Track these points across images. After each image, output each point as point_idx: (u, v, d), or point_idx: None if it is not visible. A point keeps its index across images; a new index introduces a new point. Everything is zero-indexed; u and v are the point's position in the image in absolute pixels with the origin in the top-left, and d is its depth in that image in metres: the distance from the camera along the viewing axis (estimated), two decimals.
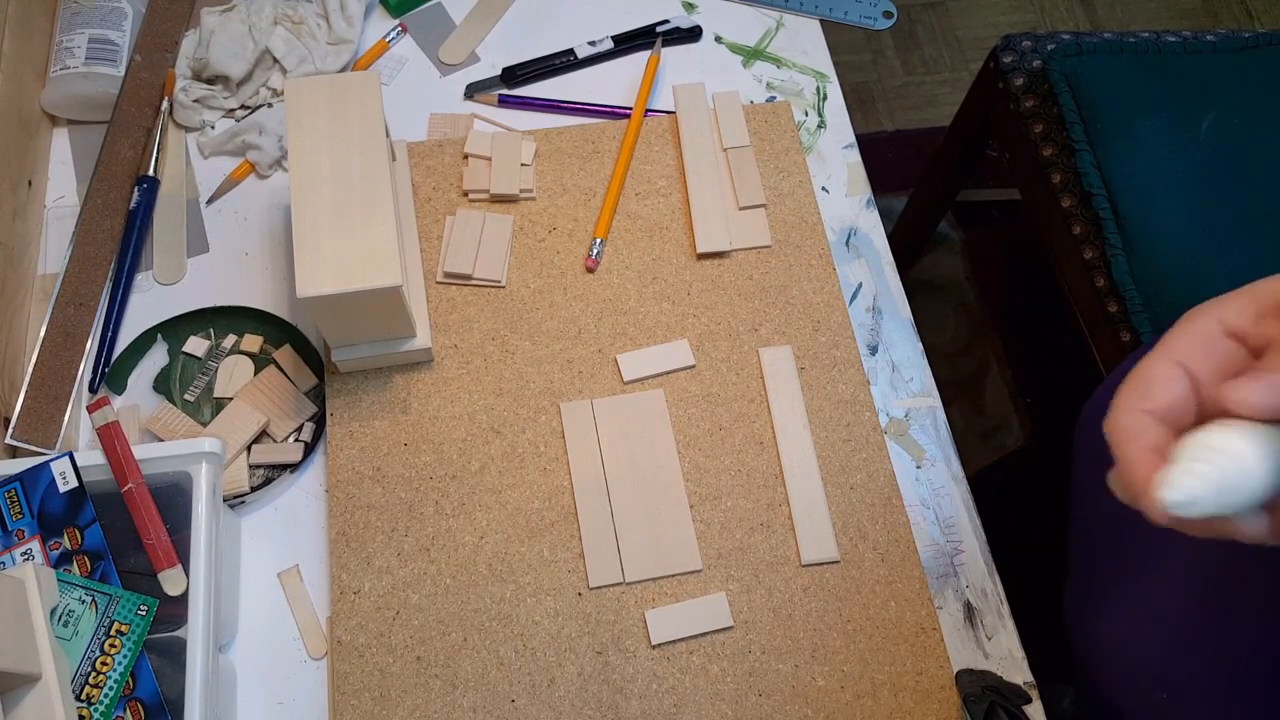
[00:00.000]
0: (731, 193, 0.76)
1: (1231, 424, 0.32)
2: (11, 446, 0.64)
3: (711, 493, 0.65)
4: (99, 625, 0.53)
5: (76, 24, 0.77)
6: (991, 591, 0.64)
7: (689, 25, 0.84)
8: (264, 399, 0.67)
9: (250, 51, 0.77)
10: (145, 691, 0.52)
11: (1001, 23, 1.77)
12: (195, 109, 0.77)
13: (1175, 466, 0.32)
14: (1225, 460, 0.31)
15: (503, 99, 0.80)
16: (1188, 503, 0.31)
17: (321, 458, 0.67)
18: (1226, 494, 0.31)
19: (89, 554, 0.55)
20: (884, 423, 0.69)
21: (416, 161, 0.76)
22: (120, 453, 0.57)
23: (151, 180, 0.74)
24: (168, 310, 0.70)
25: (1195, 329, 0.35)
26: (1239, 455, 0.31)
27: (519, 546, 0.63)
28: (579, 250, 0.73)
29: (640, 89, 0.79)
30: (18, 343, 0.68)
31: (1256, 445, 0.31)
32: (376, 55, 0.82)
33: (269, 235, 0.74)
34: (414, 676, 0.60)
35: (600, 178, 0.76)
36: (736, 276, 0.72)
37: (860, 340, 0.71)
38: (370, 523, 0.64)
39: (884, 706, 0.60)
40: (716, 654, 0.61)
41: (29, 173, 0.73)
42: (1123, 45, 0.90)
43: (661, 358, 0.69)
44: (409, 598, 0.62)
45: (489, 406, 0.67)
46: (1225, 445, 0.31)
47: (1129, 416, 0.34)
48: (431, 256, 0.72)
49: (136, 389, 0.68)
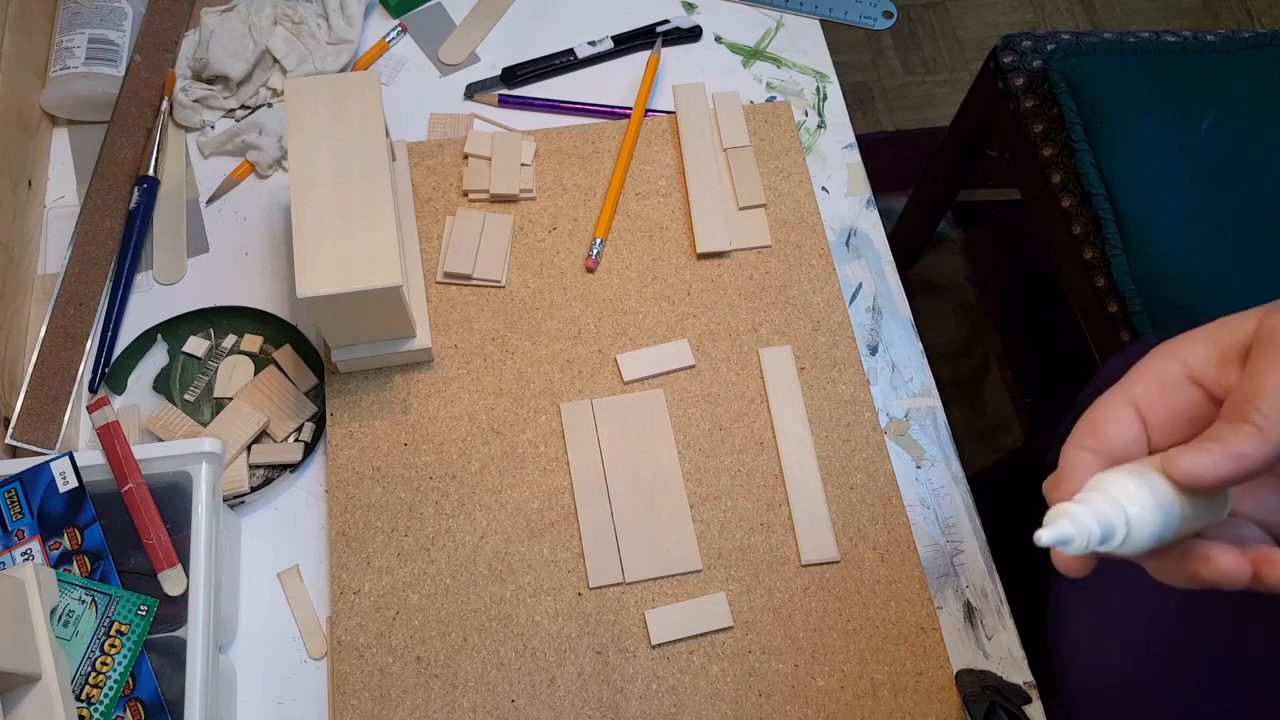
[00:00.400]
0: (731, 193, 0.76)
1: (1138, 472, 0.32)
2: (11, 446, 0.64)
3: (711, 493, 0.65)
4: (99, 625, 0.53)
5: (76, 24, 0.77)
6: (991, 591, 0.64)
7: (689, 25, 0.84)
8: (264, 399, 0.67)
9: (250, 51, 0.77)
10: (145, 691, 0.52)
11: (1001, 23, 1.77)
12: (195, 109, 0.77)
13: (1055, 508, 0.32)
14: (1106, 505, 0.31)
15: (503, 99, 0.80)
16: (1059, 541, 0.31)
17: (321, 458, 0.67)
18: (1103, 539, 0.31)
19: (89, 554, 0.55)
20: (884, 423, 0.69)
21: (416, 161, 0.76)
22: (120, 453, 0.57)
23: (151, 180, 0.74)
24: (168, 310, 0.70)
25: (1156, 370, 0.35)
26: (1130, 503, 0.31)
27: (519, 546, 0.63)
28: (579, 250, 0.73)
29: (640, 89, 0.79)
30: (18, 343, 0.68)
31: (1149, 497, 0.31)
32: (376, 55, 0.82)
33: (269, 235, 0.74)
34: (414, 676, 0.60)
35: (600, 178, 0.76)
36: (736, 276, 0.72)
37: (860, 340, 0.71)
38: (370, 523, 0.64)
39: (884, 706, 0.60)
40: (716, 654, 0.61)
41: (29, 173, 0.73)
42: (1123, 45, 0.90)
43: (661, 358, 0.69)
44: (409, 598, 0.62)
45: (489, 406, 0.67)
46: (1112, 489, 0.32)
47: (1074, 453, 0.35)
48: (431, 256, 0.72)
49: (136, 389, 0.68)
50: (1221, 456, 0.31)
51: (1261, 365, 0.32)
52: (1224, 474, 0.31)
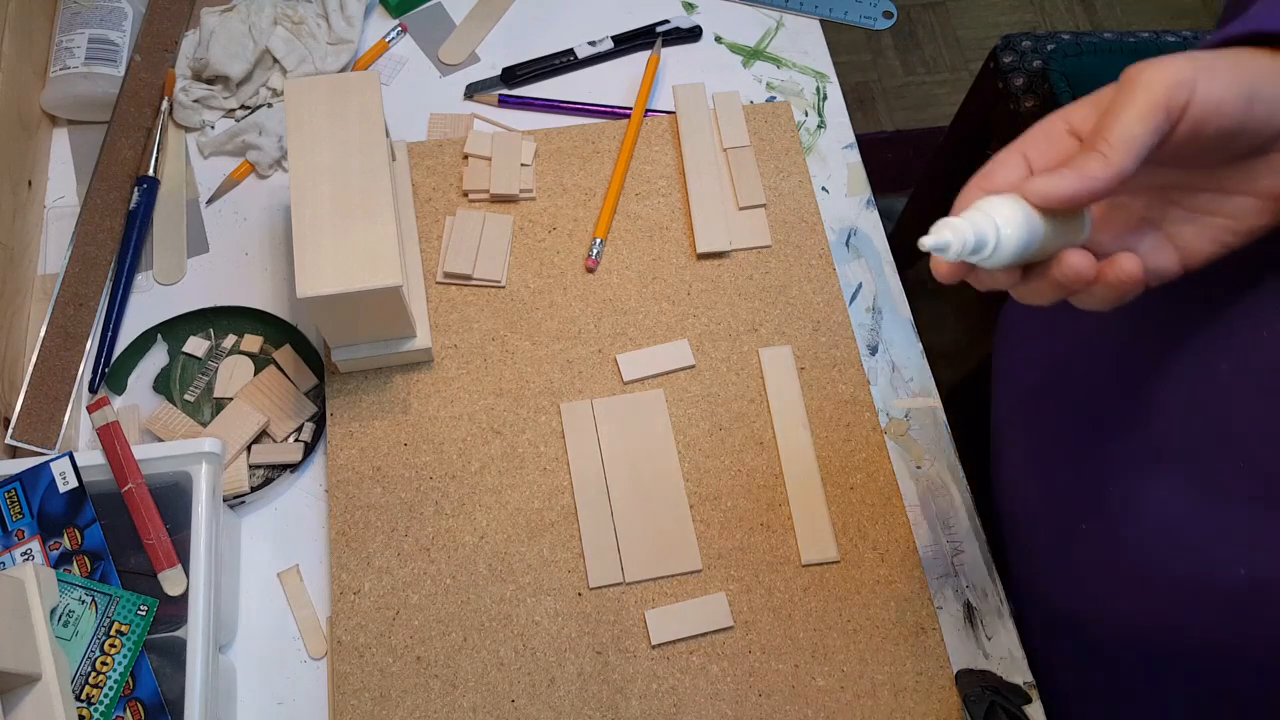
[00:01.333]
0: (731, 193, 0.76)
1: (1013, 198, 0.38)
2: (11, 446, 0.64)
3: (711, 493, 0.65)
4: (99, 625, 0.53)
5: (76, 24, 0.77)
6: (991, 591, 0.64)
7: (689, 25, 0.84)
8: (264, 399, 0.67)
9: (250, 51, 0.77)
10: (145, 691, 0.52)
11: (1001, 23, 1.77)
12: (195, 109, 0.77)
13: (939, 221, 0.38)
14: (982, 219, 0.37)
15: (503, 99, 0.80)
16: (937, 247, 0.37)
17: (321, 458, 0.67)
18: (976, 248, 0.37)
19: (89, 554, 0.55)
20: (884, 423, 0.69)
21: (416, 161, 0.76)
22: (120, 453, 0.57)
23: (151, 180, 0.74)
24: (168, 310, 0.70)
25: (1043, 127, 0.40)
26: (1002, 220, 0.37)
27: (519, 546, 0.63)
28: (579, 250, 0.73)
29: (640, 89, 0.79)
30: (18, 343, 0.68)
31: (1019, 215, 0.37)
32: (376, 55, 0.82)
33: (269, 235, 0.74)
34: (414, 676, 0.60)
35: (600, 178, 0.76)
36: (736, 276, 0.72)
37: (860, 340, 0.71)
38: (370, 523, 0.64)
39: (884, 706, 0.60)
40: (716, 654, 0.61)
41: (29, 173, 0.73)
42: (1123, 45, 0.90)
43: (661, 358, 0.69)
44: (409, 598, 0.62)
45: (489, 406, 0.67)
46: (989, 208, 0.37)
47: (967, 192, 0.40)
48: (431, 256, 0.72)
49: (136, 389, 0.68)
50: (1072, 179, 0.36)
51: (1114, 104, 0.36)
52: (1074, 193, 0.36)
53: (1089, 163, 0.36)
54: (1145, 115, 0.35)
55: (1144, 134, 0.35)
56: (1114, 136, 0.36)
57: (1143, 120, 0.35)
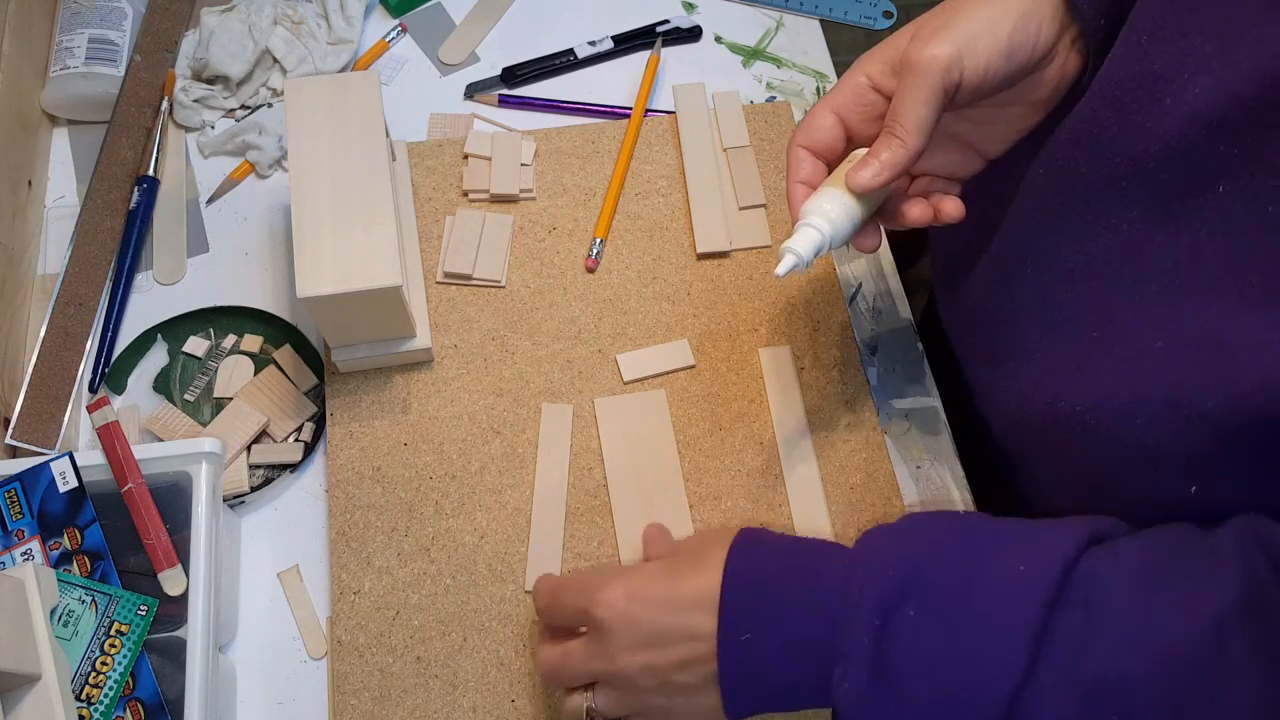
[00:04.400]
0: (731, 193, 0.75)
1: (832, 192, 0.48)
2: (11, 446, 0.64)
3: (711, 493, 0.65)
4: (99, 625, 0.53)
5: (76, 24, 0.77)
6: None
7: (689, 25, 0.84)
8: (264, 399, 0.67)
9: (250, 51, 0.77)
10: (145, 691, 0.52)
11: None
12: (195, 109, 0.77)
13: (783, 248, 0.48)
14: (811, 232, 0.48)
15: (503, 99, 0.80)
16: (793, 270, 0.47)
17: (321, 458, 0.67)
18: (818, 250, 0.48)
19: (89, 554, 0.55)
20: (884, 423, 0.69)
21: (416, 161, 0.76)
22: (120, 453, 0.57)
23: (151, 180, 0.74)
24: (168, 310, 0.70)
25: (848, 84, 0.50)
26: (825, 223, 0.48)
27: (519, 546, 0.63)
28: (579, 250, 0.73)
29: (640, 89, 0.79)
30: (18, 343, 0.68)
31: (838, 209, 0.48)
32: (376, 55, 0.82)
33: (269, 235, 0.74)
34: (414, 676, 0.60)
35: (600, 178, 0.76)
36: (736, 276, 0.72)
37: (860, 340, 0.71)
38: (370, 523, 0.63)
39: None
40: None
41: (29, 173, 0.73)
42: None
43: (661, 358, 0.69)
44: (409, 598, 0.62)
45: (489, 406, 0.67)
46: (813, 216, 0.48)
47: (793, 151, 0.51)
48: (431, 256, 0.72)
49: (136, 389, 0.68)
50: (879, 168, 0.46)
51: (900, 90, 0.46)
52: (884, 180, 0.46)
53: (890, 150, 0.46)
54: (928, 100, 0.45)
55: (929, 115, 0.45)
56: (907, 123, 0.45)
57: (926, 105, 0.45)
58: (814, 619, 0.44)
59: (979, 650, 0.41)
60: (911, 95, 0.45)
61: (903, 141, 0.45)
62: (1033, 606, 0.41)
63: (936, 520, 0.48)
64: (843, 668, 0.43)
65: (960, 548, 0.45)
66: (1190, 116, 0.41)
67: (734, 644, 0.45)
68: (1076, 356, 0.50)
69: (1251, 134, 0.39)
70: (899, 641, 0.42)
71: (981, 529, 0.46)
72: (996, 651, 0.41)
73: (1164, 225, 0.44)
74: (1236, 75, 0.39)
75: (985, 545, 0.45)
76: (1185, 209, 0.43)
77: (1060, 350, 0.51)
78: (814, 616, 0.44)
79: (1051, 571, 0.42)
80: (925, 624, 0.42)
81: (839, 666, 0.43)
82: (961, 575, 0.43)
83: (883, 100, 0.49)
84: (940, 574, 0.43)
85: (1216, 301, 0.42)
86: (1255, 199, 0.40)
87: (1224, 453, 0.42)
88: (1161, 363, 0.44)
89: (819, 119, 0.50)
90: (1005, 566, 0.43)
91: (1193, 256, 0.43)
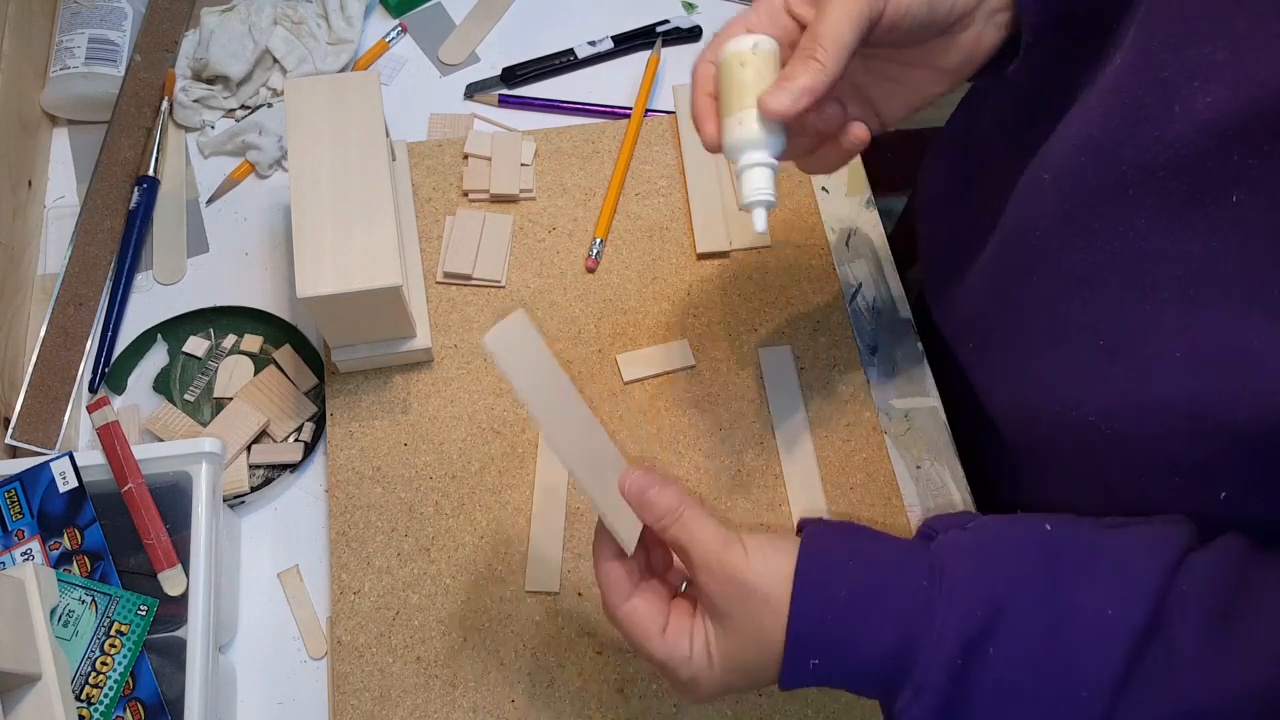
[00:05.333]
0: (731, 193, 0.75)
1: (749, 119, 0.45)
2: (11, 446, 0.64)
3: (711, 493, 0.65)
4: (99, 625, 0.53)
5: (76, 24, 0.77)
6: None
7: (689, 25, 0.84)
8: (264, 399, 0.67)
9: (250, 51, 0.77)
10: (145, 691, 0.52)
11: None
12: (195, 109, 0.77)
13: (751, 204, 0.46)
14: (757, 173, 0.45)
15: (503, 99, 0.80)
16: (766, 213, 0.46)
17: (321, 458, 0.67)
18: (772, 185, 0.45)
19: (89, 554, 0.55)
20: (884, 423, 0.69)
21: (416, 161, 0.76)
22: (120, 453, 0.57)
23: (151, 180, 0.74)
24: (168, 310, 0.70)
25: (765, 6, 0.48)
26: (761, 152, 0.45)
27: (519, 546, 0.63)
28: (579, 250, 0.73)
29: (640, 89, 0.79)
30: (18, 343, 0.68)
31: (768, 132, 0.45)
32: (376, 55, 0.82)
33: (269, 235, 0.74)
34: (414, 676, 0.60)
35: (600, 178, 0.76)
36: (736, 276, 0.72)
37: (860, 340, 0.71)
38: (370, 523, 0.63)
39: None
40: None
41: (29, 173, 0.73)
42: None
43: (661, 358, 0.69)
44: (409, 598, 0.62)
45: (489, 406, 0.67)
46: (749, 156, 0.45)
47: (701, 65, 0.48)
48: (431, 256, 0.72)
49: (136, 389, 0.68)
50: (799, 93, 0.44)
51: (823, 10, 0.44)
52: (803, 105, 0.44)
53: (810, 73, 0.44)
54: (853, 24, 0.43)
55: (852, 39, 0.44)
56: (828, 44, 0.43)
57: (851, 28, 0.43)
58: (887, 649, 0.43)
59: (1059, 695, 0.41)
60: (835, 15, 0.43)
61: (822, 65, 0.43)
62: (1118, 656, 0.40)
63: (1014, 535, 0.45)
64: (913, 692, 0.42)
65: (1043, 582, 0.43)
66: (1202, 125, 0.40)
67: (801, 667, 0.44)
68: (1084, 363, 0.49)
69: (1268, 143, 0.38)
70: (977, 678, 0.42)
71: (1065, 553, 0.44)
72: (1076, 700, 0.41)
73: (1174, 233, 0.43)
74: (1253, 85, 0.38)
75: (1069, 577, 0.43)
76: (1196, 217, 0.42)
77: (1067, 357, 0.51)
78: (887, 646, 0.43)
79: (1139, 614, 0.41)
80: (1006, 666, 0.41)
81: (909, 690, 0.42)
82: (1045, 615, 0.42)
83: (796, 28, 0.47)
84: (1023, 614, 0.42)
85: (1235, 312, 0.41)
86: (1271, 209, 0.39)
87: (1251, 463, 0.42)
88: (1181, 373, 0.44)
89: (730, 32, 0.48)
90: (1090, 603, 0.42)
91: (1206, 265, 0.42)
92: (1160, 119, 0.42)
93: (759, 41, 0.46)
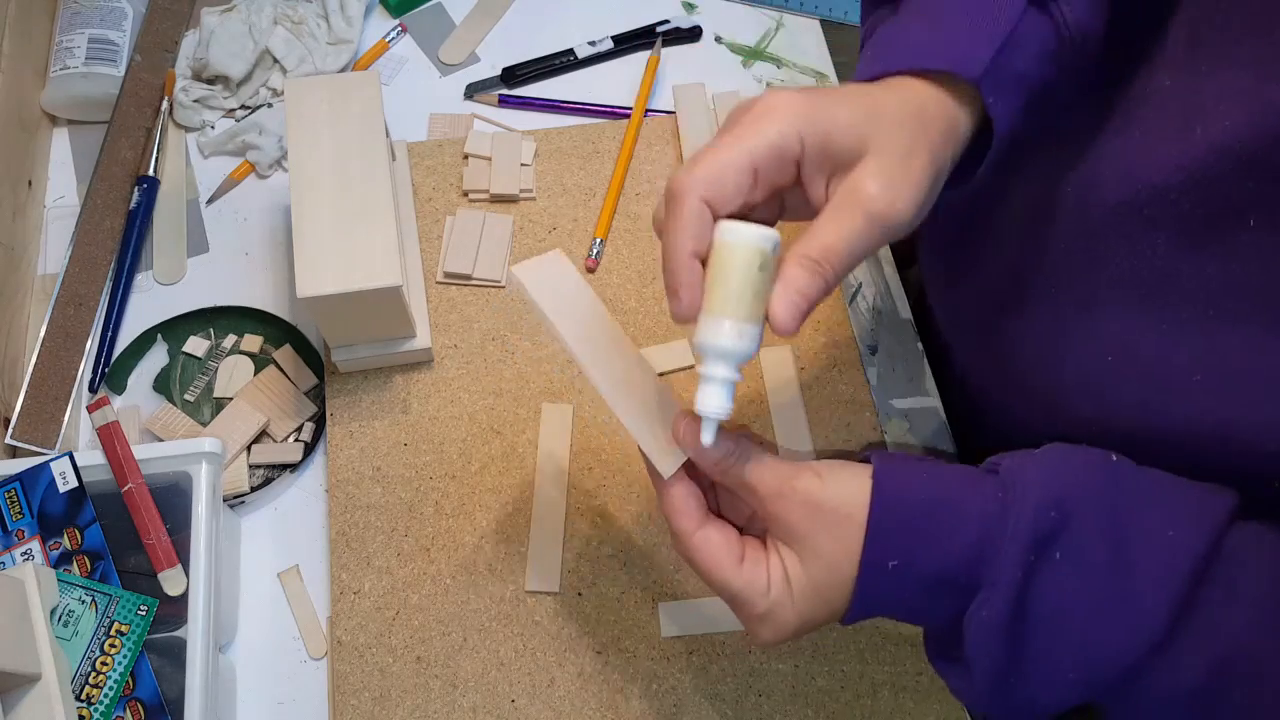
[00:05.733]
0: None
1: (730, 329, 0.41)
2: (11, 446, 0.64)
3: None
4: (99, 625, 0.53)
5: (76, 24, 0.77)
6: None
7: (689, 25, 0.84)
8: (264, 399, 0.67)
9: (250, 51, 0.77)
10: (145, 691, 0.52)
11: None
12: (195, 109, 0.77)
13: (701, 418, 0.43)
14: (718, 388, 0.42)
15: (503, 99, 0.80)
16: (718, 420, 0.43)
17: (321, 458, 0.67)
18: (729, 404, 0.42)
19: (89, 554, 0.55)
20: (884, 423, 0.69)
21: (416, 161, 0.76)
22: (120, 453, 0.57)
23: (151, 180, 0.74)
24: (168, 310, 0.70)
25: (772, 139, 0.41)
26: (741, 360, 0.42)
27: (519, 546, 0.63)
28: (579, 250, 0.73)
29: (640, 89, 0.79)
30: (18, 343, 0.68)
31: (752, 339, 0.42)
32: (376, 55, 0.82)
33: (269, 235, 0.74)
34: (414, 676, 0.60)
35: (600, 178, 0.76)
36: None
37: (860, 340, 0.71)
38: (370, 523, 0.63)
39: (884, 706, 0.60)
40: (716, 654, 0.61)
41: (29, 173, 0.73)
42: None
43: (661, 358, 0.69)
44: (409, 598, 0.62)
45: (489, 406, 0.67)
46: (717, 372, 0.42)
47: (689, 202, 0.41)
48: (431, 256, 0.72)
49: (136, 389, 0.68)
50: (802, 302, 0.41)
51: (842, 219, 0.41)
52: (803, 318, 0.42)
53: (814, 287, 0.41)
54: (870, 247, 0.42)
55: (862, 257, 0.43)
56: (838, 260, 0.41)
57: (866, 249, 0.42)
58: (966, 548, 0.42)
59: (1119, 611, 0.41)
60: (856, 237, 0.41)
61: (827, 283, 0.41)
62: (1178, 578, 0.40)
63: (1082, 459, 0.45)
64: (986, 593, 0.42)
65: (1109, 500, 0.43)
66: (1221, 149, 0.40)
67: (879, 572, 0.43)
68: (1093, 380, 0.49)
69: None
70: (1044, 578, 0.41)
71: (1129, 478, 0.44)
72: (1137, 615, 0.41)
73: (1189, 253, 0.43)
74: (1273, 112, 0.38)
75: (1135, 499, 0.43)
76: (1212, 238, 0.42)
77: (1075, 372, 0.51)
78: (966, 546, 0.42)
79: (1200, 543, 0.41)
80: (1070, 569, 0.41)
81: (983, 591, 0.42)
82: (1110, 529, 0.42)
83: (795, 173, 0.42)
84: (1089, 523, 0.42)
85: (1256, 335, 0.41)
86: None
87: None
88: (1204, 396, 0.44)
89: (735, 172, 0.41)
90: (1155, 526, 0.42)
91: (1224, 287, 0.42)
92: (1178, 141, 0.42)
93: (775, 241, 0.41)
